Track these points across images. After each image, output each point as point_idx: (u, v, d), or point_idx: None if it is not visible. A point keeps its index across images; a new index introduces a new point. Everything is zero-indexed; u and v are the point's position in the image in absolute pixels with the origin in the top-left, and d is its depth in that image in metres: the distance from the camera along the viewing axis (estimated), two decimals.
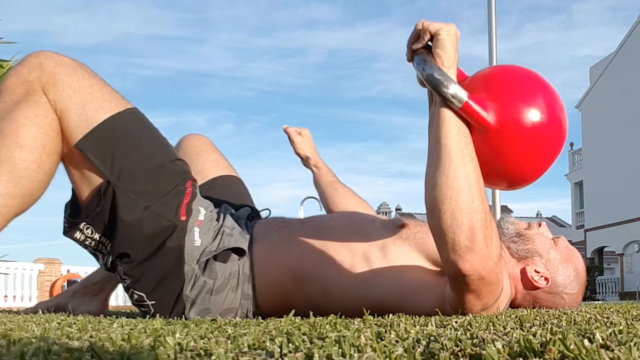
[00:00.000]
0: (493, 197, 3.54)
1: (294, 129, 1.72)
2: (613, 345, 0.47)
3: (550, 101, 0.97)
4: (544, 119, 0.95)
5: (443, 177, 0.92)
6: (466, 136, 0.94)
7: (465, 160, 0.92)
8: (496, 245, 0.94)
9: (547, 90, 0.99)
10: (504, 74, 1.01)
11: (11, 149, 1.02)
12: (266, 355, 0.47)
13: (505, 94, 0.96)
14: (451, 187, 0.91)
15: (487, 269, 0.93)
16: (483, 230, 0.91)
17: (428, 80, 0.94)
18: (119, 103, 1.13)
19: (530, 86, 0.99)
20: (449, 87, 0.92)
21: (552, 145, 0.98)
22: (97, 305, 1.49)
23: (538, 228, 1.35)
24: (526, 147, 0.96)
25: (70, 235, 1.14)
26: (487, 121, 0.94)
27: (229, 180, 1.53)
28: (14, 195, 1.02)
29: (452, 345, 0.51)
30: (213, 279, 1.13)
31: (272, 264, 1.17)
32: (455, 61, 0.96)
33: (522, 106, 0.95)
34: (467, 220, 0.90)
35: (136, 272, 1.12)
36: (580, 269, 1.34)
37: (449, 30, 0.96)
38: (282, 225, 1.24)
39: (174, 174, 1.16)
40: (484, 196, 0.93)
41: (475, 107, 0.94)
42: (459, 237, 0.91)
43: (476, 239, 0.91)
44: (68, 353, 0.46)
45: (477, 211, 0.91)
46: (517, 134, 0.95)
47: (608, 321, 0.82)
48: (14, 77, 1.07)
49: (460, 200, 0.91)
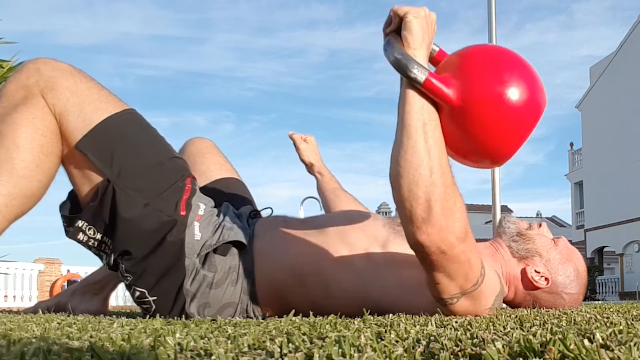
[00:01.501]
0: (493, 197, 3.54)
1: (299, 135, 1.75)
2: (613, 345, 0.47)
3: (519, 78, 0.96)
4: (509, 94, 0.94)
5: (402, 152, 0.94)
6: (430, 113, 0.96)
7: (427, 135, 0.94)
8: (459, 220, 0.95)
9: (516, 68, 0.98)
10: (474, 52, 1.01)
11: (10, 149, 1.04)
12: (266, 355, 0.47)
13: (470, 71, 0.97)
14: (409, 161, 0.93)
15: (447, 243, 0.93)
16: (441, 203, 0.92)
17: (391, 62, 0.96)
18: (116, 104, 1.15)
19: (497, 63, 0.98)
20: (408, 66, 0.94)
21: (519, 121, 0.96)
22: (97, 305, 1.50)
23: (539, 228, 1.35)
24: (491, 123, 0.95)
25: (73, 237, 1.15)
26: (449, 97, 0.95)
27: (231, 182, 1.54)
28: (14, 196, 1.03)
29: (452, 345, 0.51)
30: (213, 272, 1.14)
31: (273, 260, 1.18)
32: (423, 42, 0.97)
33: (485, 82, 0.95)
34: (423, 193, 0.92)
35: (138, 269, 1.13)
36: (581, 269, 1.34)
37: (416, 13, 0.97)
38: (284, 224, 1.25)
39: (173, 171, 1.18)
40: (446, 171, 0.94)
41: (436, 84, 0.94)
42: (416, 208, 0.93)
43: (432, 210, 0.92)
44: (68, 353, 0.46)
45: (436, 184, 0.92)
46: (480, 109, 0.95)
47: (608, 321, 0.82)
48: (13, 83, 1.10)
49: (417, 173, 0.92)
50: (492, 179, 3.54)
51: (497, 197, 3.49)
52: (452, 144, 0.99)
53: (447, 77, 0.96)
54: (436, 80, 0.95)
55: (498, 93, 0.94)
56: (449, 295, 1.01)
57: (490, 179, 3.56)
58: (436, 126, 0.96)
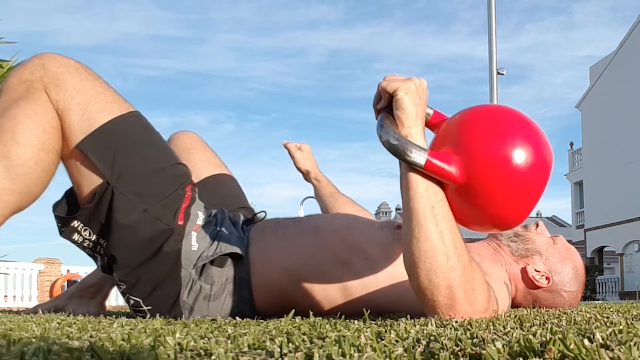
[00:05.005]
0: None
1: (293, 144, 1.75)
2: (613, 344, 0.47)
3: (522, 142, 0.90)
4: (513, 164, 0.89)
5: (415, 241, 0.90)
6: (436, 194, 0.91)
7: (436, 219, 0.90)
8: (481, 295, 0.92)
9: (518, 132, 0.92)
10: (472, 120, 0.95)
11: (8, 145, 1.02)
12: (266, 355, 0.47)
13: (470, 144, 0.91)
14: (423, 250, 0.89)
15: (469, 315, 0.91)
16: (462, 286, 0.90)
17: (386, 147, 0.91)
18: (121, 106, 1.13)
19: (496, 130, 0.92)
20: (406, 151, 0.89)
21: (528, 187, 0.91)
22: (95, 308, 1.49)
23: (535, 228, 1.35)
24: (499, 195, 0.90)
25: (67, 237, 1.13)
26: (452, 175, 0.90)
27: (221, 178, 1.52)
28: (10, 192, 1.01)
29: (452, 345, 0.51)
30: (210, 283, 1.12)
31: (268, 265, 1.16)
32: (417, 117, 0.93)
33: (487, 155, 0.89)
34: (443, 281, 0.89)
35: (131, 278, 1.11)
36: (579, 267, 1.34)
37: (406, 89, 0.92)
38: (277, 226, 1.23)
39: (174, 177, 1.16)
40: (461, 251, 0.91)
41: (438, 164, 0.90)
42: (438, 296, 0.90)
43: (455, 296, 0.89)
44: (68, 353, 0.46)
45: (454, 269, 0.89)
46: (486, 183, 0.90)
47: (608, 321, 0.82)
48: (16, 77, 1.07)
49: (434, 261, 0.89)
50: None
51: None
52: (461, 218, 0.94)
53: (448, 153, 0.91)
54: (437, 160, 0.90)
55: (502, 165, 0.89)
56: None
57: None
58: (444, 206, 0.92)
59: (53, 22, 47.38)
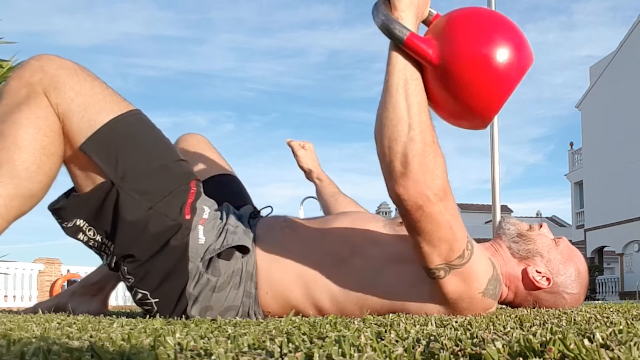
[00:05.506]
0: (493, 197, 3.54)
1: (297, 142, 1.76)
2: (613, 344, 0.47)
3: (499, 37, 0.98)
4: (485, 52, 0.96)
5: (384, 109, 0.98)
6: (412, 72, 0.99)
7: (407, 93, 0.98)
8: (438, 178, 0.97)
9: (497, 28, 1.00)
10: (459, 15, 1.03)
11: (10, 150, 1.02)
12: (266, 355, 0.47)
13: (450, 32, 0.99)
14: (389, 118, 0.97)
15: (424, 197, 0.97)
16: (418, 158, 0.96)
17: (376, 24, 1.00)
18: (121, 105, 1.13)
19: (477, 24, 1.00)
20: (390, 26, 0.97)
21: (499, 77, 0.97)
22: (97, 306, 1.49)
23: (539, 229, 1.35)
24: (470, 81, 0.97)
25: (73, 235, 1.14)
26: (429, 55, 0.97)
27: (226, 179, 1.53)
28: (14, 197, 1.02)
29: (452, 344, 0.51)
30: (216, 276, 1.14)
31: (275, 263, 1.18)
32: (411, 4, 1.00)
33: (462, 41, 0.97)
34: (401, 148, 0.96)
35: (140, 271, 1.12)
36: (582, 269, 1.34)
37: None
38: (285, 225, 1.25)
39: (178, 174, 1.17)
40: (425, 129, 0.97)
41: (417, 43, 0.97)
42: (394, 162, 0.97)
43: (409, 164, 0.96)
44: (68, 353, 0.46)
45: (414, 140, 0.96)
46: (457, 68, 0.97)
47: (608, 321, 0.82)
48: (16, 80, 1.08)
49: (396, 129, 0.96)
50: (492, 179, 3.54)
51: (497, 196, 3.48)
52: (437, 103, 1.02)
53: (430, 39, 1.00)
54: (417, 40, 0.98)
55: (475, 52, 0.97)
56: (434, 265, 1.03)
57: (490, 179, 3.55)
58: (417, 85, 0.99)
59: (53, 22, 47.40)
